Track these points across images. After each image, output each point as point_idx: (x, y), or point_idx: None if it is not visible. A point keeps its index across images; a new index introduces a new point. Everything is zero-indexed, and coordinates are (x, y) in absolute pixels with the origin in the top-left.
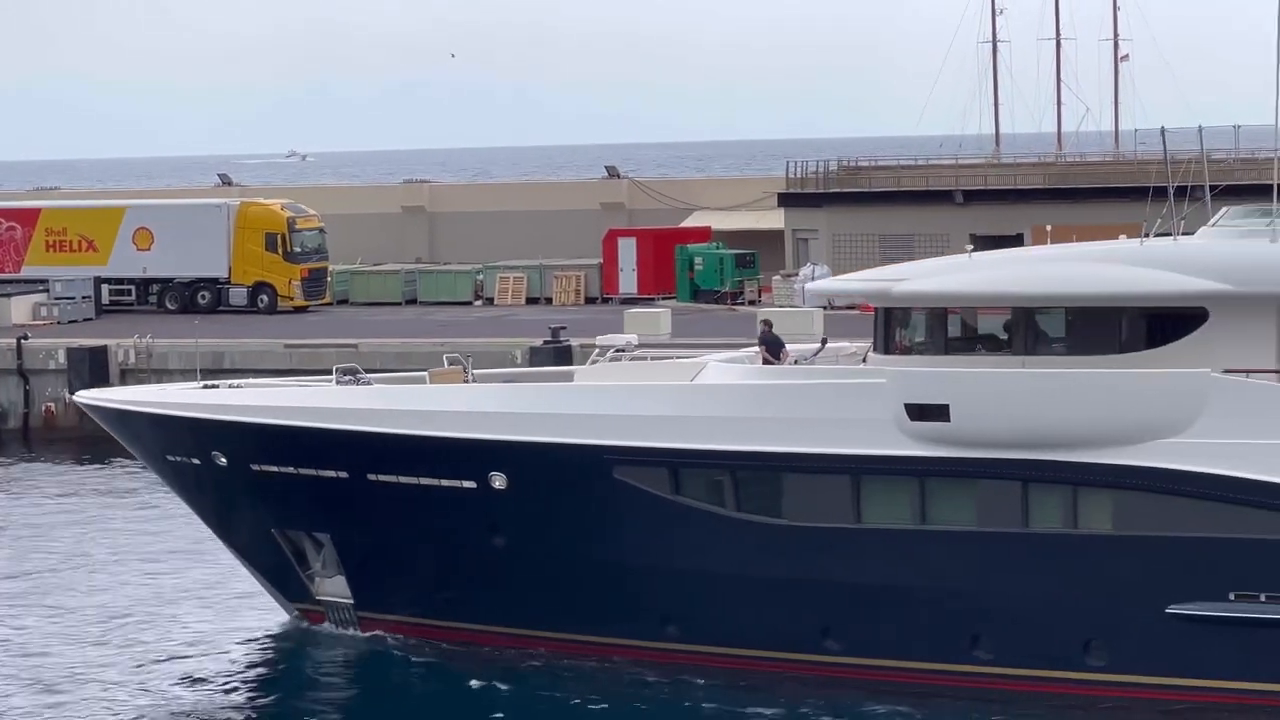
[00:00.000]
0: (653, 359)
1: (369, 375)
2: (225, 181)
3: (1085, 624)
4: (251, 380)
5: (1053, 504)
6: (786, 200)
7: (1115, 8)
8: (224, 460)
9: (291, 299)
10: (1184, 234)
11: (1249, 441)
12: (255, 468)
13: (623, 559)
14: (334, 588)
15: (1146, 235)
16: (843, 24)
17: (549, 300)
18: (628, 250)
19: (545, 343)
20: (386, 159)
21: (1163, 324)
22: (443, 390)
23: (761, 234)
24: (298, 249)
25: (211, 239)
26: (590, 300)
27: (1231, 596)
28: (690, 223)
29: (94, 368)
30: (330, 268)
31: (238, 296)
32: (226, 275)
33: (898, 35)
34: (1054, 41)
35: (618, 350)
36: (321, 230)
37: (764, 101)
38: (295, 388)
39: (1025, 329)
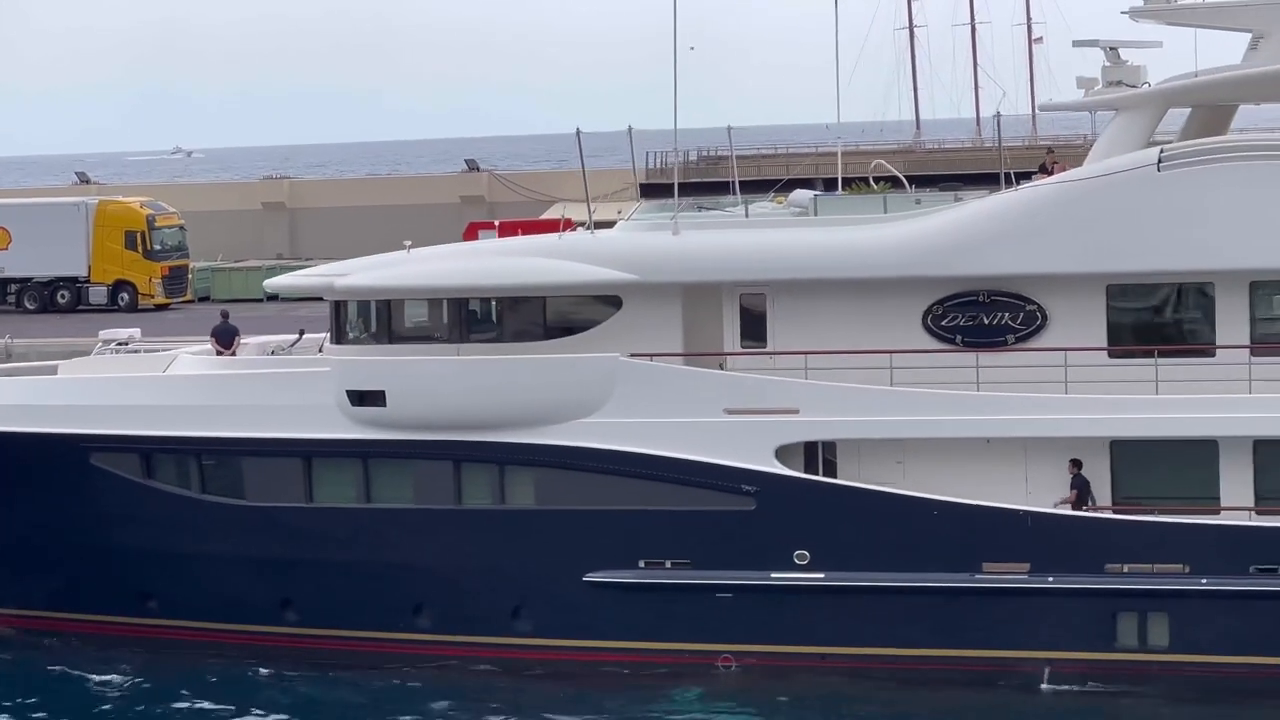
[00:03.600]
0: (145, 351)
1: None
2: (83, 180)
3: (513, 593)
4: None
5: (482, 481)
6: (647, 191)
7: None
8: None
9: (152, 297)
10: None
11: (651, 420)
12: None
13: (103, 541)
14: None
15: (568, 229)
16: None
17: None
18: None
19: None
20: (274, 154)
21: (582, 312)
22: None
23: None
24: (158, 246)
25: (70, 238)
26: None
27: (641, 564)
28: (551, 214)
29: None
30: (191, 265)
31: (98, 295)
32: (86, 274)
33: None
34: (969, 27)
35: (120, 344)
36: (182, 227)
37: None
38: None
39: (458, 319)
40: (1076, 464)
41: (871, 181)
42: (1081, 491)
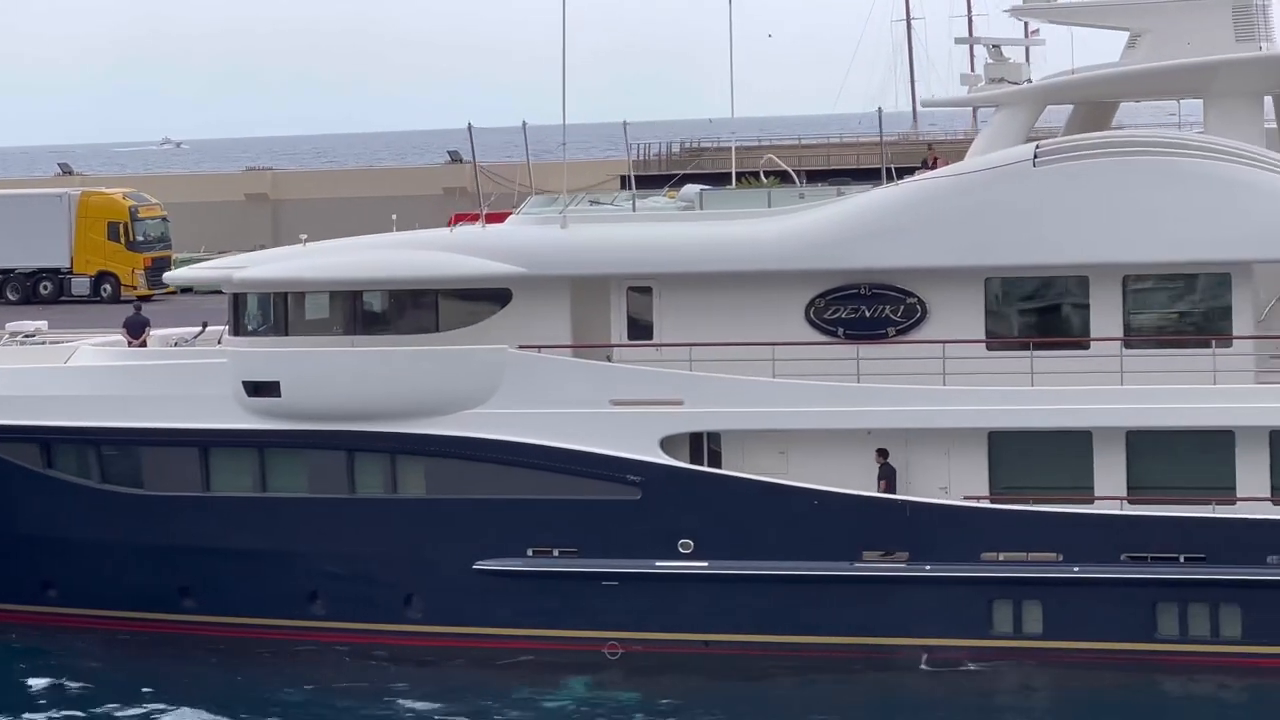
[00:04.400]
0: (50, 343)
1: None
2: (66, 171)
3: (405, 580)
4: None
5: (375, 471)
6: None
7: None
8: None
9: (135, 288)
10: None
11: (538, 411)
12: None
13: (4, 530)
14: None
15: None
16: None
17: None
18: None
19: None
20: (261, 145)
21: (474, 304)
22: None
23: None
24: (140, 238)
25: (53, 229)
26: None
27: (530, 552)
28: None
29: None
30: (173, 256)
31: (80, 286)
32: (69, 265)
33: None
34: (966, 19)
35: (27, 335)
36: (164, 219)
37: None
38: None
39: (352, 311)
40: (883, 453)
41: (762, 176)
42: (889, 481)
